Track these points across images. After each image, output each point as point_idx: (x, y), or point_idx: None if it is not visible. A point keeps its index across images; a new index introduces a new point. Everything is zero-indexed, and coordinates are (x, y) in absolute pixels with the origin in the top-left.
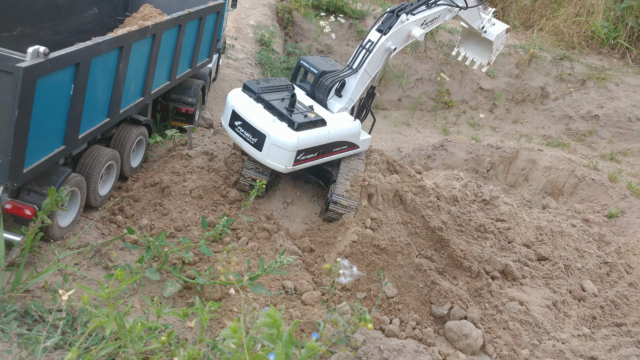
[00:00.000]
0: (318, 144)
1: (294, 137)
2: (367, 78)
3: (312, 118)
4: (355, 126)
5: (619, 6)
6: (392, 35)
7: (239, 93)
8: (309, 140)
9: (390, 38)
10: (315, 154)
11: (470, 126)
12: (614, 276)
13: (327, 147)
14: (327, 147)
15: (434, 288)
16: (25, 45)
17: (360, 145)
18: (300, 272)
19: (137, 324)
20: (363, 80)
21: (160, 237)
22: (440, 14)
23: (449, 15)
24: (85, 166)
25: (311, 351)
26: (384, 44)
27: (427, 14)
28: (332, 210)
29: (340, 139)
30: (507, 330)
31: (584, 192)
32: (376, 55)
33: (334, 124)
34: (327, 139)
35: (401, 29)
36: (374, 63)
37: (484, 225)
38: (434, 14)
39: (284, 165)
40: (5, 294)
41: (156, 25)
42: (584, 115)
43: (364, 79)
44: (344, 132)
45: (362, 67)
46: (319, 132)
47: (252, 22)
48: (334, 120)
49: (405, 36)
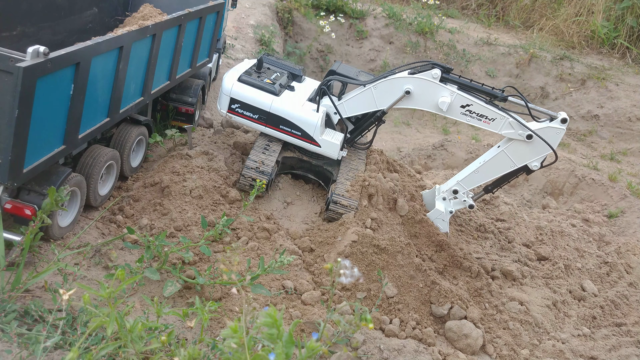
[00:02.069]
0: (255, 105)
1: (230, 83)
2: (370, 100)
3: (262, 82)
4: (312, 117)
5: (619, 6)
6: (416, 80)
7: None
8: (245, 95)
9: (411, 82)
10: (255, 115)
11: (470, 126)
12: (614, 276)
13: (270, 117)
14: (270, 117)
15: (434, 288)
16: (25, 45)
17: (321, 144)
18: (300, 272)
19: (138, 323)
20: (364, 99)
21: (160, 237)
22: (495, 121)
23: (502, 130)
24: (85, 166)
25: (311, 351)
26: (402, 80)
27: (474, 103)
28: (332, 210)
29: (287, 117)
30: (507, 330)
31: (584, 192)
32: (389, 85)
33: (286, 101)
34: (269, 108)
35: (427, 85)
36: (383, 91)
37: (484, 225)
38: (485, 112)
39: (221, 108)
40: (5, 294)
41: (156, 25)
42: (584, 115)
43: (366, 97)
44: (292, 113)
45: (371, 85)
46: (260, 95)
47: (252, 21)
48: (289, 99)
49: (431, 96)
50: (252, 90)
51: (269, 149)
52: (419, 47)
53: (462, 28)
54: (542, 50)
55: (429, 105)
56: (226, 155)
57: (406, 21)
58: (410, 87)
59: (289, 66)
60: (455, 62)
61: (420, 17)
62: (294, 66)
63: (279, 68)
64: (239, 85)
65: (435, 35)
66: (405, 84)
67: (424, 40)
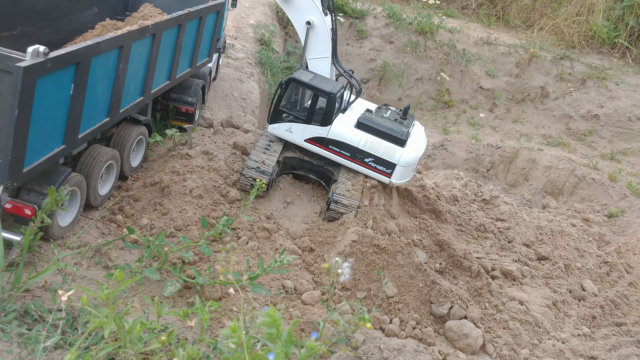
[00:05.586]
0: None
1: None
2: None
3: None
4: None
5: (619, 5)
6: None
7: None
8: None
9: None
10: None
11: (471, 125)
12: (614, 276)
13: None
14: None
15: (434, 288)
16: (25, 45)
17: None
18: (300, 271)
19: (137, 324)
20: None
21: (160, 237)
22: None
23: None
24: (85, 166)
25: (311, 351)
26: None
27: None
28: (333, 210)
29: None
30: (507, 329)
31: (584, 191)
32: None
33: None
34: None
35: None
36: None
37: (484, 224)
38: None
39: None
40: (5, 294)
41: (156, 25)
42: (584, 114)
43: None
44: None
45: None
46: None
47: (252, 21)
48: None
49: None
50: None
51: (270, 149)
52: (419, 47)
53: (462, 28)
54: (542, 50)
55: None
56: (226, 155)
57: (406, 21)
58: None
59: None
60: (455, 61)
61: (420, 16)
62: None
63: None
64: None
65: (435, 35)
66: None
67: (424, 39)
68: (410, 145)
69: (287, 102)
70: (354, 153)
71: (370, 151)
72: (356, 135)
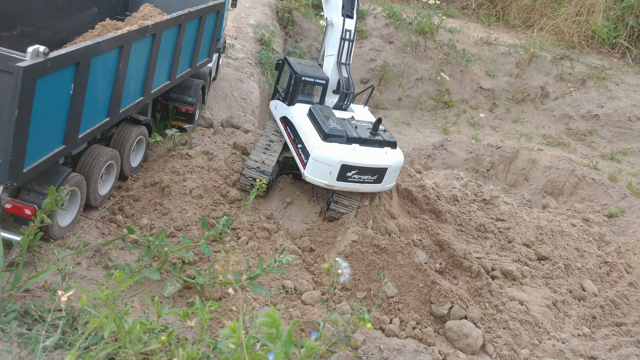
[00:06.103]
0: None
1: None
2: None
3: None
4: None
5: (619, 5)
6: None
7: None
8: None
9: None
10: None
11: (471, 126)
12: (614, 276)
13: None
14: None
15: (434, 288)
16: (25, 45)
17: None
18: (300, 271)
19: (136, 325)
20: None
21: (160, 237)
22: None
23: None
24: (85, 166)
25: (311, 351)
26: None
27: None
28: (333, 210)
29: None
30: (507, 329)
31: (584, 191)
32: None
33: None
34: None
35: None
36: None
37: (484, 224)
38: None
39: None
40: (5, 294)
41: (156, 25)
42: (584, 114)
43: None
44: None
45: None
46: None
47: (252, 21)
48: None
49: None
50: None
51: (270, 149)
52: (419, 47)
53: (462, 28)
54: (542, 50)
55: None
56: (226, 155)
57: (406, 21)
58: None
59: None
60: (455, 61)
61: (420, 16)
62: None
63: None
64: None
65: (435, 35)
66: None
67: (424, 39)
68: (336, 145)
69: (282, 81)
70: (295, 137)
71: (301, 136)
72: (301, 119)
